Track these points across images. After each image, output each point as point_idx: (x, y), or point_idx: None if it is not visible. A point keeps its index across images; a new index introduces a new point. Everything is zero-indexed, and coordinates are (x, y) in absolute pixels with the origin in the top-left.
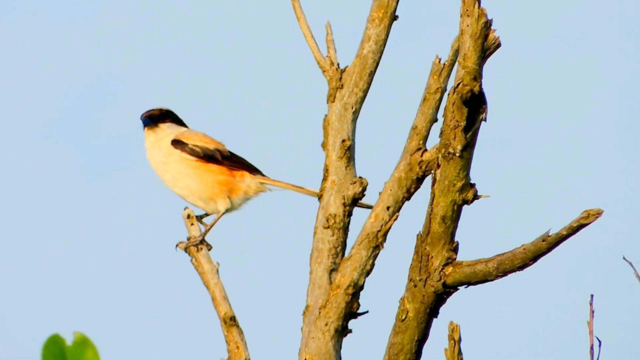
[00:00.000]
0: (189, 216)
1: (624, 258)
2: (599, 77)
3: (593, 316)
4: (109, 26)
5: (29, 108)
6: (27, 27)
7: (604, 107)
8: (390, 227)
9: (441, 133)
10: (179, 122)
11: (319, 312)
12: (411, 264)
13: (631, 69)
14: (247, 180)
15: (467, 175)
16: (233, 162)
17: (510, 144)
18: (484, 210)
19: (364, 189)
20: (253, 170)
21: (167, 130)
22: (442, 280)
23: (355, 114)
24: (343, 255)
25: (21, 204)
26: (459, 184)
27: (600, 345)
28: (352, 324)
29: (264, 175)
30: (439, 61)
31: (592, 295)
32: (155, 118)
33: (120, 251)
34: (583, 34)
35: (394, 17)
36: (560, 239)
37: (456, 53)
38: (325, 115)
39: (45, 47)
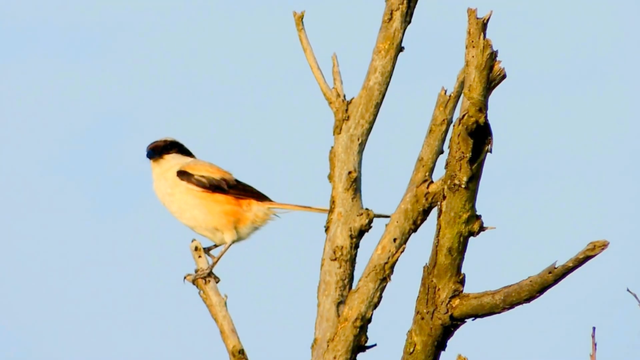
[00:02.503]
0: (196, 248)
1: (628, 290)
2: (604, 109)
3: (596, 349)
4: (119, 64)
5: (40, 145)
6: (39, 65)
7: (609, 140)
8: (397, 259)
9: (447, 164)
10: (186, 153)
11: (327, 345)
12: (418, 297)
13: (637, 102)
14: (254, 208)
15: (473, 207)
16: (240, 190)
17: (516, 176)
18: (491, 242)
19: (371, 221)
20: (260, 197)
21: (173, 162)
22: (450, 313)
23: (362, 145)
24: (350, 287)
25: (32, 240)
26: (465, 216)
27: None
28: (360, 357)
29: (271, 201)
30: (445, 93)
31: (594, 328)
32: (159, 149)
33: (128, 284)
34: (589, 66)
35: (400, 49)
36: (566, 270)
37: (462, 84)
38: (332, 147)
39: (54, 85)
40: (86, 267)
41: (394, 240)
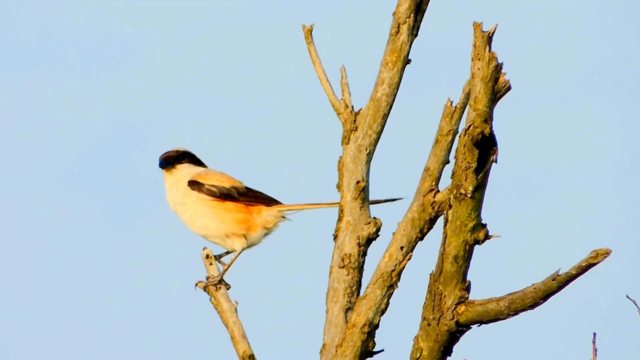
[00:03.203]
0: (207, 256)
1: (627, 297)
2: (607, 120)
3: (596, 354)
4: (132, 76)
5: (54, 156)
6: (53, 78)
7: (611, 150)
8: (404, 267)
9: (453, 174)
10: (198, 163)
11: (336, 351)
12: (425, 303)
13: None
14: (264, 214)
15: (479, 216)
16: (250, 197)
17: (521, 186)
18: (496, 250)
19: (378, 229)
20: (270, 202)
21: (184, 171)
22: (455, 319)
23: (370, 155)
24: (358, 294)
25: (46, 248)
26: (471, 224)
27: None
28: None
29: (280, 203)
30: (451, 104)
31: (594, 334)
32: (171, 160)
33: (142, 292)
34: (593, 77)
35: (407, 61)
36: (570, 278)
37: (467, 96)
38: (340, 157)
39: (69, 96)
40: (100, 274)
41: (401, 248)
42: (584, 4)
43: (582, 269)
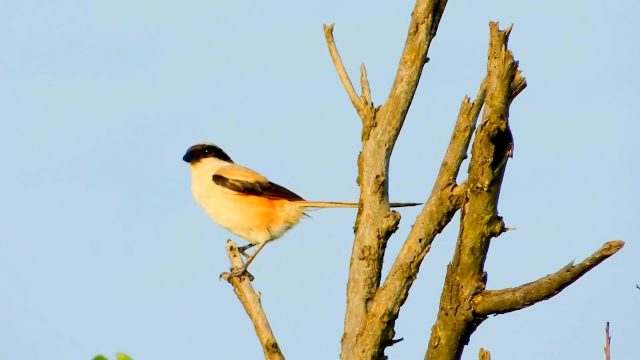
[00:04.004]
0: (231, 248)
1: (637, 287)
2: (621, 113)
3: (610, 343)
4: (158, 72)
5: (75, 152)
6: (78, 73)
7: (626, 142)
8: (422, 259)
9: (470, 169)
10: (223, 157)
11: (356, 340)
12: (442, 293)
13: None
14: (286, 208)
15: (495, 209)
16: (273, 191)
17: (536, 179)
18: (511, 242)
19: (397, 222)
20: (292, 197)
21: (209, 165)
22: (472, 309)
23: (389, 150)
24: (378, 285)
25: (72, 243)
26: (487, 217)
27: None
28: (387, 350)
29: (302, 199)
30: (468, 100)
31: (608, 323)
32: (197, 153)
33: (167, 282)
34: (607, 72)
35: (425, 60)
36: (583, 269)
37: (484, 93)
38: (360, 152)
39: (94, 91)
40: (127, 266)
41: (420, 240)
42: (601, 1)
43: (596, 261)
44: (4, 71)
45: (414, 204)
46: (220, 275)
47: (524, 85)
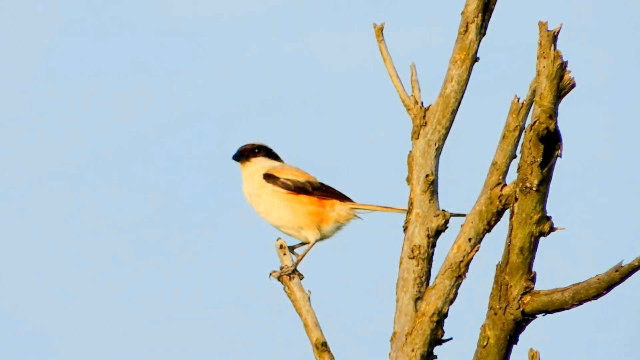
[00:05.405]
0: (281, 246)
1: None
2: None
3: None
4: (209, 70)
5: (126, 154)
6: (131, 71)
7: None
8: (471, 258)
9: (519, 168)
10: (273, 156)
11: (406, 339)
12: (491, 293)
13: None
14: (337, 208)
15: (544, 209)
16: (323, 191)
17: (584, 179)
18: (560, 241)
19: (447, 221)
20: (343, 198)
21: (259, 164)
22: (521, 309)
23: (438, 150)
24: (427, 284)
25: (124, 243)
26: (536, 217)
27: None
28: (437, 350)
29: (353, 201)
30: (518, 100)
31: None
32: (247, 153)
33: (219, 281)
34: None
35: (475, 59)
36: (632, 269)
37: (533, 93)
38: (410, 152)
39: (143, 88)
40: (180, 266)
41: (469, 239)
42: None
43: None
44: (51, 70)
45: (463, 215)
46: (270, 274)
47: (573, 85)
